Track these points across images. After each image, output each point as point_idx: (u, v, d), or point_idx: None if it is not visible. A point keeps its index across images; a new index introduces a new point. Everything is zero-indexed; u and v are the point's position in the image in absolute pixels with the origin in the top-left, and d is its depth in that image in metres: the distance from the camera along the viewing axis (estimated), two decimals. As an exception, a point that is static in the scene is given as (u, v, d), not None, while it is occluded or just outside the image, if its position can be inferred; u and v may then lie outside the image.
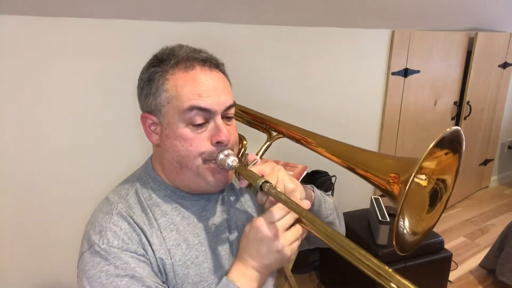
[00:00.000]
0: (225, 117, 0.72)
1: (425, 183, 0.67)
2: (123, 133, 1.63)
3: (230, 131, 0.72)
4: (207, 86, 0.68)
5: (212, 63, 0.72)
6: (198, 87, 0.68)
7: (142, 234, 0.68)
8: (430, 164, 0.65)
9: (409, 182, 0.54)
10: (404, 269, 1.85)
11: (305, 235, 0.69)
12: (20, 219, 1.49)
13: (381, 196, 2.10)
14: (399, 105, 2.68)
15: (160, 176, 0.76)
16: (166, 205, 0.74)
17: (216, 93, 0.69)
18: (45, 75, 1.42)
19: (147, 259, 0.67)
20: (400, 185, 0.58)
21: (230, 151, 0.71)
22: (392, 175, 0.60)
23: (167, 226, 0.72)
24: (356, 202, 2.48)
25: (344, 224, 0.94)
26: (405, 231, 0.63)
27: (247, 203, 0.85)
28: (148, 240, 0.68)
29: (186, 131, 0.69)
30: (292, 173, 1.81)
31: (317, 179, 2.11)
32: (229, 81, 0.76)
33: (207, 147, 0.69)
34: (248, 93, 1.41)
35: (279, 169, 0.71)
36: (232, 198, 0.84)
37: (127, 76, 1.06)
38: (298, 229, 0.66)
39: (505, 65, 3.29)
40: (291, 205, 0.63)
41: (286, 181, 0.70)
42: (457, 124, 3.11)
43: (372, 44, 2.41)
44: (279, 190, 0.66)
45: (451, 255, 2.00)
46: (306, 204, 0.67)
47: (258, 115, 0.93)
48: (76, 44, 1.45)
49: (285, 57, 2.07)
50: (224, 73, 0.75)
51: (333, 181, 2.20)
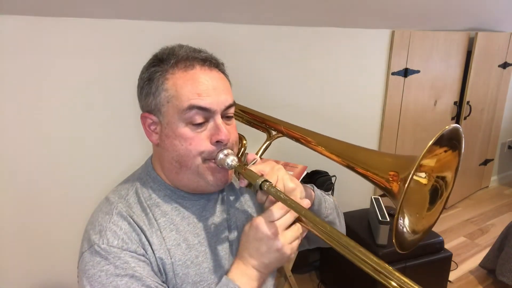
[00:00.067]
0: (225, 117, 0.72)
1: (425, 181, 0.67)
2: (123, 133, 1.63)
3: (229, 130, 0.72)
4: (206, 85, 0.68)
5: (212, 62, 0.72)
6: (197, 87, 0.68)
7: (142, 234, 0.68)
8: (430, 162, 0.65)
9: (408, 180, 0.54)
10: (404, 269, 1.85)
11: (305, 234, 0.69)
12: (20, 219, 1.49)
13: (381, 196, 2.10)
14: (399, 105, 2.68)
15: (160, 176, 0.76)
16: (166, 205, 0.74)
17: (216, 92, 0.69)
18: (45, 75, 1.42)
19: (147, 258, 0.67)
20: (399, 183, 0.58)
21: (230, 151, 0.71)
22: (392, 173, 0.60)
23: (167, 226, 0.72)
24: (356, 202, 2.48)
25: (344, 223, 0.93)
26: (405, 229, 0.63)
27: (247, 202, 0.85)
28: (148, 240, 0.68)
29: (185, 130, 0.69)
30: (292, 173, 1.81)
31: (317, 179, 2.11)
32: (229, 80, 0.76)
33: (207, 146, 0.69)
34: (248, 93, 1.41)
35: (279, 168, 0.71)
36: (232, 198, 0.84)
37: (127, 76, 1.06)
38: (298, 228, 0.66)
39: (505, 65, 3.29)
40: (291, 204, 0.63)
41: (285, 180, 0.70)
42: (457, 124, 3.10)
43: (372, 44, 2.41)
44: (278, 189, 0.66)
45: (451, 255, 2.00)
46: (306, 203, 0.67)
47: (258, 115, 0.93)
48: (76, 44, 1.45)
49: (285, 57, 2.07)
50: (224, 72, 0.75)
51: (333, 181, 2.20)
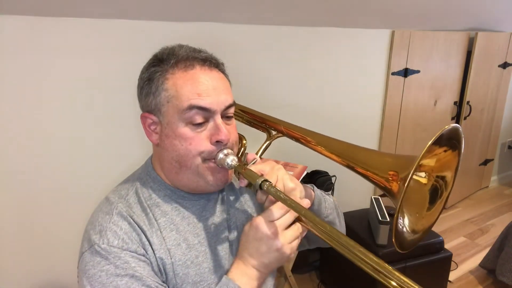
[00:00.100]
0: (225, 117, 0.72)
1: (424, 181, 0.67)
2: (123, 133, 1.63)
3: (229, 130, 0.72)
4: (206, 85, 0.68)
5: (212, 62, 0.72)
6: (197, 87, 0.68)
7: (142, 234, 0.68)
8: (430, 162, 0.65)
9: (408, 180, 0.54)
10: (404, 269, 1.84)
11: (304, 234, 0.69)
12: (20, 219, 1.49)
13: (381, 196, 2.10)
14: (399, 105, 2.68)
15: (160, 176, 0.76)
16: (166, 205, 0.74)
17: (216, 92, 0.69)
18: (45, 75, 1.42)
19: (147, 258, 0.67)
20: (399, 182, 0.58)
21: (230, 150, 0.71)
22: (391, 172, 0.60)
23: (167, 226, 0.72)
24: (356, 202, 2.48)
25: (344, 223, 0.93)
26: (404, 229, 0.63)
27: (246, 202, 0.85)
28: (148, 240, 0.68)
29: (185, 130, 0.69)
30: (292, 173, 1.81)
31: (317, 179, 2.11)
32: (229, 80, 0.76)
33: (207, 146, 0.69)
34: (248, 93, 1.41)
35: (279, 168, 0.71)
36: (231, 198, 0.84)
37: (127, 76, 1.06)
38: (297, 228, 0.66)
39: (505, 65, 3.29)
40: (291, 204, 0.63)
41: (285, 180, 0.70)
42: (457, 124, 3.10)
43: (372, 44, 2.41)
44: (278, 189, 0.66)
45: (451, 255, 2.00)
46: (305, 203, 0.67)
47: (258, 115, 0.93)
48: (76, 44, 1.45)
49: (285, 57, 2.07)
50: (224, 72, 0.75)
51: (333, 181, 2.20)
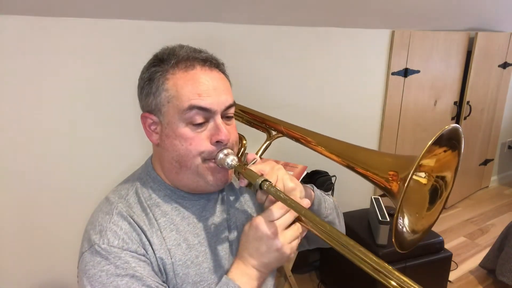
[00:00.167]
0: (225, 117, 0.72)
1: (424, 181, 0.67)
2: (123, 133, 1.63)
3: (229, 130, 0.72)
4: (207, 85, 0.68)
5: (212, 63, 0.72)
6: (198, 87, 0.68)
7: (142, 234, 0.68)
8: (429, 162, 0.65)
9: (408, 180, 0.54)
10: (404, 269, 1.85)
11: (304, 234, 0.69)
12: (20, 219, 1.49)
13: (381, 196, 2.10)
14: (399, 105, 2.68)
15: (160, 176, 0.76)
16: (166, 205, 0.74)
17: (216, 92, 0.69)
18: (45, 75, 1.42)
19: (147, 258, 0.67)
20: (399, 182, 0.58)
21: (230, 150, 0.71)
22: (391, 172, 0.60)
23: (167, 226, 0.72)
24: (356, 202, 2.48)
25: (344, 223, 0.94)
26: (404, 229, 0.63)
27: (246, 203, 0.85)
28: (148, 240, 0.68)
29: (186, 130, 0.69)
30: (292, 173, 1.81)
31: (317, 179, 2.11)
32: (229, 81, 0.76)
33: (207, 146, 0.69)
34: (248, 93, 1.41)
35: (279, 168, 0.71)
36: (231, 198, 0.84)
37: (127, 76, 1.06)
38: (297, 228, 0.67)
39: (505, 65, 3.29)
40: (291, 204, 0.63)
41: (285, 180, 0.70)
42: (457, 124, 3.10)
43: (372, 44, 2.41)
44: (278, 189, 0.66)
45: (451, 255, 2.00)
46: (305, 203, 0.67)
47: (258, 115, 0.93)
48: (76, 44, 1.45)
49: (285, 57, 2.07)
50: (224, 73, 0.75)
51: (333, 181, 2.20)
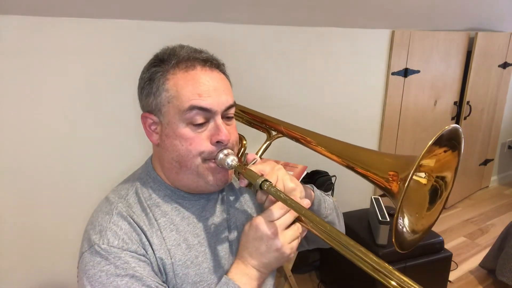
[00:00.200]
0: (225, 117, 0.72)
1: (424, 181, 0.67)
2: (123, 133, 1.63)
3: (230, 131, 0.72)
4: (207, 86, 0.68)
5: (212, 63, 0.72)
6: (198, 87, 0.68)
7: (142, 234, 0.68)
8: (429, 162, 0.65)
9: (408, 180, 0.54)
10: (404, 269, 1.84)
11: (304, 234, 0.69)
12: (20, 219, 1.49)
13: (381, 196, 2.10)
14: (399, 105, 2.68)
15: (160, 176, 0.76)
16: (166, 205, 0.74)
17: (217, 93, 0.69)
18: (45, 75, 1.42)
19: (147, 258, 0.67)
20: (399, 182, 0.58)
21: (230, 151, 0.71)
22: (391, 173, 0.60)
23: (167, 226, 0.72)
24: (356, 202, 2.48)
25: (343, 224, 0.94)
26: (404, 229, 0.63)
27: (246, 203, 0.85)
28: (148, 240, 0.68)
29: (186, 130, 0.69)
30: (292, 173, 1.81)
31: (317, 179, 2.11)
32: (229, 81, 0.76)
33: (207, 146, 0.69)
34: (248, 93, 1.41)
35: (279, 168, 0.71)
36: (231, 198, 0.84)
37: (127, 76, 1.06)
38: (297, 228, 0.67)
39: (505, 65, 3.29)
40: (291, 204, 0.63)
41: (285, 180, 0.70)
42: (457, 124, 3.11)
43: (372, 44, 2.41)
44: (278, 189, 0.66)
45: (451, 255, 2.00)
46: (306, 203, 0.67)
47: (258, 115, 0.93)
48: (76, 44, 1.45)
49: (285, 57, 2.07)
50: (224, 73, 0.75)
51: (333, 181, 2.20)
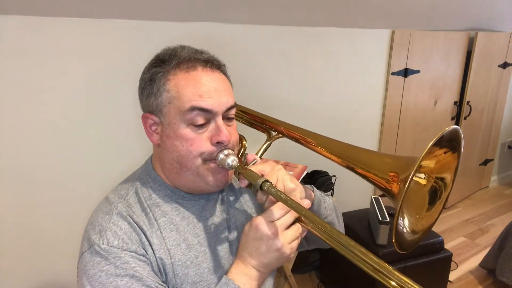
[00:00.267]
0: (226, 118, 0.72)
1: (424, 182, 0.67)
2: (123, 133, 1.63)
3: (230, 131, 0.72)
4: (208, 87, 0.68)
5: (213, 64, 0.72)
6: (199, 88, 0.68)
7: (142, 234, 0.68)
8: (429, 163, 0.65)
9: (409, 181, 0.54)
10: (404, 269, 1.85)
11: (304, 234, 0.69)
12: (20, 219, 1.49)
13: (381, 196, 2.10)
14: (399, 105, 2.68)
15: (160, 176, 0.76)
16: (166, 205, 0.74)
17: (217, 94, 0.69)
18: (45, 75, 1.42)
19: (147, 258, 0.67)
20: (399, 183, 0.58)
21: (230, 151, 0.71)
22: (392, 174, 0.60)
23: (167, 226, 0.72)
24: (356, 202, 2.48)
25: (343, 224, 0.94)
26: (404, 229, 0.63)
27: (246, 203, 0.86)
28: (148, 240, 0.68)
29: (187, 131, 0.69)
30: (292, 173, 1.81)
31: (317, 179, 2.11)
32: (230, 82, 0.76)
33: (207, 147, 0.69)
34: (248, 93, 1.41)
35: (279, 168, 0.71)
36: (231, 198, 0.84)
37: (128, 76, 1.06)
38: (297, 228, 0.67)
39: (505, 65, 3.29)
40: (291, 204, 0.63)
41: (286, 180, 0.70)
42: (457, 124, 3.11)
43: (372, 44, 2.41)
44: (279, 189, 0.66)
45: (451, 255, 2.01)
46: (306, 203, 0.67)
47: (258, 115, 0.93)
48: (76, 44, 1.45)
49: (285, 57, 2.07)
50: (225, 74, 0.75)
51: (333, 181, 2.20)
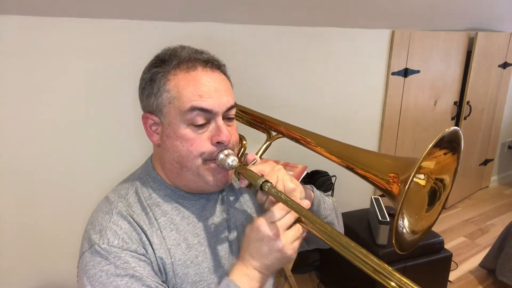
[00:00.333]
0: (226, 118, 0.73)
1: (424, 183, 0.67)
2: (123, 133, 1.63)
3: (230, 131, 0.72)
4: (208, 87, 0.68)
5: (213, 64, 0.72)
6: (199, 88, 0.68)
7: (142, 234, 0.68)
8: (429, 164, 0.65)
9: (409, 182, 0.54)
10: (404, 269, 1.85)
11: (305, 234, 0.69)
12: (20, 219, 1.49)
13: (381, 196, 2.10)
14: (399, 105, 2.68)
15: (160, 176, 0.76)
16: (166, 204, 0.74)
17: (218, 94, 0.69)
18: (45, 75, 1.42)
19: (147, 258, 0.67)
20: (399, 184, 0.58)
21: (230, 151, 0.71)
22: (392, 174, 0.61)
23: (167, 225, 0.72)
24: (356, 202, 2.48)
25: (342, 224, 0.94)
26: (404, 230, 0.63)
27: (246, 203, 0.86)
28: (148, 240, 0.68)
29: (187, 131, 0.69)
30: (292, 173, 1.81)
31: (317, 179, 2.11)
32: (230, 82, 0.76)
33: (208, 147, 0.69)
34: (248, 93, 1.41)
35: (279, 168, 0.72)
36: (231, 198, 0.84)
37: (128, 76, 1.06)
38: (298, 228, 0.67)
39: (505, 65, 3.29)
40: (291, 205, 0.63)
41: (286, 180, 0.70)
42: (457, 124, 3.11)
43: (372, 44, 2.41)
44: (279, 189, 0.66)
45: (451, 255, 2.01)
46: (306, 204, 0.67)
47: (258, 115, 0.93)
48: (76, 44, 1.45)
49: (285, 57, 2.07)
50: (225, 74, 0.75)
51: (333, 181, 2.20)
